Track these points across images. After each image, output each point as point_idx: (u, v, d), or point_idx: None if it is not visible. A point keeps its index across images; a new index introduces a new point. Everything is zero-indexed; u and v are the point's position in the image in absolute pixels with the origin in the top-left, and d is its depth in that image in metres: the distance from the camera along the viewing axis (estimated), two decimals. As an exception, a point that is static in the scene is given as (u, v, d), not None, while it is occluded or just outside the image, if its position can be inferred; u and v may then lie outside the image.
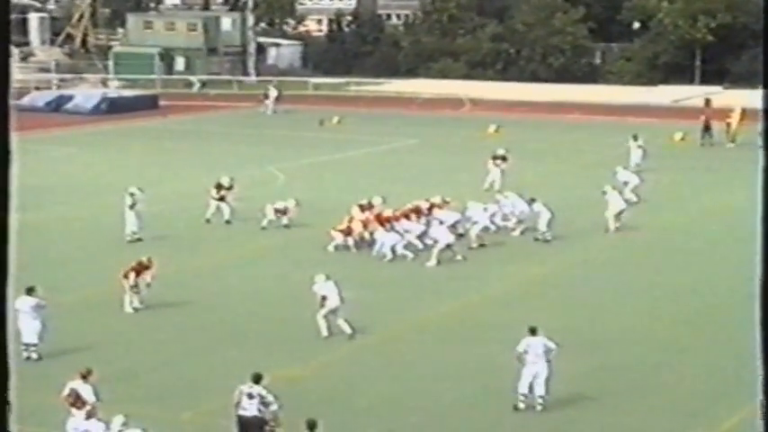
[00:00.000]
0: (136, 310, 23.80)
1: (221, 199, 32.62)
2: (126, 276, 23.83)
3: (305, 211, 32.38)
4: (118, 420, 15.76)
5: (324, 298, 22.04)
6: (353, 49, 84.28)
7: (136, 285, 23.81)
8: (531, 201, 30.79)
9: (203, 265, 28.35)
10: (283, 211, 32.01)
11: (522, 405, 18.07)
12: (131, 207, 30.29)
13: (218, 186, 32.88)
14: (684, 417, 18.08)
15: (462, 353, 21.35)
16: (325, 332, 21.91)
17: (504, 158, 38.26)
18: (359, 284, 25.03)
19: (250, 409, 16.29)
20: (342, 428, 16.59)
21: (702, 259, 28.87)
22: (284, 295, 25.30)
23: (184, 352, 21.53)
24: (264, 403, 16.28)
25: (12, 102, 3.20)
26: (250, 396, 16.35)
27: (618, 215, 31.26)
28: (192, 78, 74.01)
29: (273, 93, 61.63)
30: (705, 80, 70.76)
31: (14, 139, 3.37)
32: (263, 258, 29.18)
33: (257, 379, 16.55)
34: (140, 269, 23.98)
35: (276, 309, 24.36)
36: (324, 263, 27.01)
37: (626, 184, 35.89)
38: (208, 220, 32.51)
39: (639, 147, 41.33)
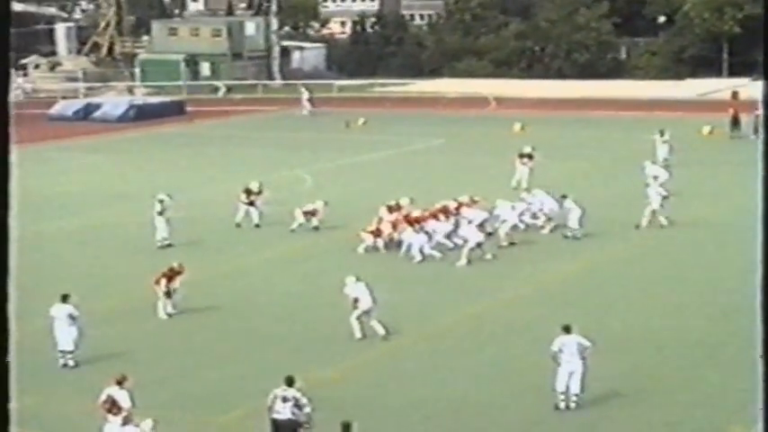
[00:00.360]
0: (170, 315, 23.94)
1: (251, 204, 32.76)
2: (158, 282, 23.98)
3: (333, 213, 32.45)
4: (147, 425, 15.86)
5: (356, 300, 22.09)
6: (377, 51, 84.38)
7: (168, 291, 23.95)
8: (562, 198, 30.71)
9: (234, 269, 28.47)
10: (312, 213, 32.10)
11: (562, 404, 18.02)
12: (161, 213, 30.48)
13: (248, 191, 33.02)
14: (721, 413, 17.98)
15: (495, 352, 21.34)
16: (358, 334, 21.96)
17: (530, 156, 38.20)
18: (390, 286, 25.05)
19: (284, 412, 16.34)
20: (376, 430, 16.61)
21: (733, 255, 28.67)
22: (315, 298, 25.35)
23: (218, 356, 21.63)
24: (298, 406, 16.33)
25: (40, 111, 3.25)
26: (284, 399, 16.40)
27: (654, 211, 31.12)
28: (218, 83, 74.36)
29: (306, 95, 61.82)
30: (733, 72, 70.35)
31: (46, 147, 3.43)
32: (293, 261, 29.26)
33: (290, 382, 16.60)
34: (172, 275, 24.12)
35: (307, 311, 24.42)
36: (354, 265, 27.05)
37: (655, 178, 35.74)
38: (238, 225, 32.65)
39: (665, 142, 41.14)
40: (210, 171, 43.77)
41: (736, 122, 47.97)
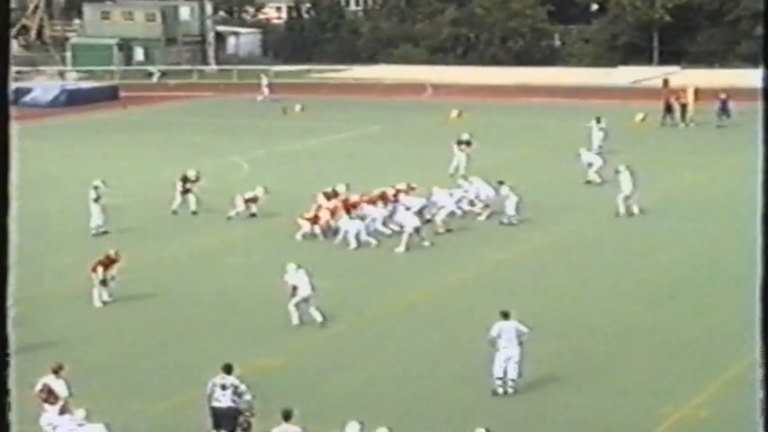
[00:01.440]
0: (105, 303, 23.72)
1: (187, 191, 32.53)
2: (94, 270, 23.74)
3: (271, 201, 32.35)
4: (79, 414, 15.73)
5: (295, 287, 22.08)
6: (313, 37, 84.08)
7: (104, 279, 23.73)
8: (499, 184, 30.96)
9: (171, 256, 28.28)
10: (253, 200, 31.98)
11: (500, 390, 18.17)
12: (96, 200, 30.14)
13: (185, 179, 32.78)
14: (654, 396, 18.32)
15: (434, 338, 21.50)
16: (296, 320, 21.97)
17: (468, 143, 38.43)
18: (328, 273, 25.08)
19: (224, 400, 16.31)
20: (316, 417, 16.65)
21: (670, 239, 29.17)
22: (253, 285, 25.30)
23: (155, 344, 21.49)
24: (238, 393, 16.31)
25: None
26: (223, 387, 16.37)
27: (627, 197, 31.09)
28: (152, 69, 73.55)
29: (265, 80, 61.20)
30: (663, 61, 71.36)
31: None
32: (231, 249, 29.14)
33: (229, 369, 16.57)
34: (108, 262, 23.90)
35: (246, 299, 24.36)
36: (291, 252, 27.05)
37: (590, 165, 36.21)
38: (174, 212, 32.41)
39: (601, 129, 41.62)
40: (145, 157, 43.34)
41: (669, 110, 48.65)
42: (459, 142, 38.38)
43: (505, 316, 18.55)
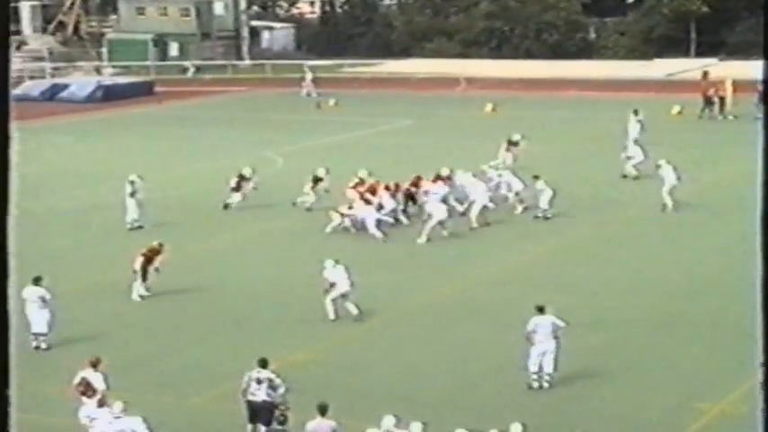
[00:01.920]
0: (142, 297, 23.88)
1: (239, 188, 32.28)
2: (136, 262, 23.90)
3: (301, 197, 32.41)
4: (117, 407, 15.85)
5: (332, 284, 22.10)
6: (346, 31, 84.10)
7: (145, 272, 23.89)
8: (535, 178, 30.81)
9: (207, 250, 28.42)
10: (318, 180, 31.95)
11: (535, 384, 18.13)
12: (132, 195, 30.34)
13: (241, 176, 32.44)
14: (689, 391, 18.19)
15: (468, 333, 21.46)
16: (332, 315, 22.02)
17: (516, 144, 37.97)
18: (359, 267, 25.04)
19: (259, 393, 16.38)
20: (351, 411, 16.69)
21: (705, 233, 28.95)
22: (288, 279, 25.38)
23: (192, 338, 21.63)
24: (273, 387, 16.38)
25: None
26: (258, 381, 16.44)
27: (671, 190, 30.80)
28: (187, 63, 73.87)
29: (309, 75, 61.31)
30: (700, 53, 70.69)
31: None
32: (266, 243, 29.24)
33: (264, 364, 16.63)
34: (151, 255, 24.04)
35: (281, 293, 24.44)
36: (325, 246, 27.11)
37: (629, 159, 35.93)
38: (226, 206, 32.23)
39: (639, 121, 41.36)
40: (180, 152, 43.56)
41: (708, 103, 48.18)
42: (510, 142, 37.82)
43: (541, 310, 18.50)
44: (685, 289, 23.93)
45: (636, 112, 41.88)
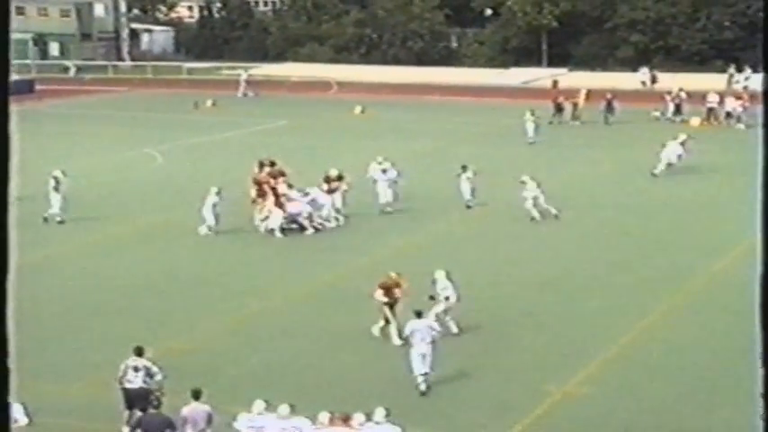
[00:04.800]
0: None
1: (333, 191, 29.49)
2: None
3: (181, 192, 31.94)
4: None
5: (447, 297, 20.02)
6: (224, 35, 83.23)
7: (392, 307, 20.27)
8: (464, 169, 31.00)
9: (84, 245, 27.72)
10: (338, 179, 29.94)
11: (423, 387, 17.55)
12: (56, 189, 29.32)
13: (327, 179, 29.86)
14: (536, 375, 18.58)
15: (347, 320, 21.41)
16: (455, 329, 19.98)
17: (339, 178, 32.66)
18: (239, 260, 24.87)
19: (136, 381, 16.05)
20: (225, 396, 16.52)
21: (558, 230, 29.58)
22: (169, 270, 25.00)
23: (71, 326, 21.07)
24: (150, 374, 16.07)
25: None
26: (135, 369, 16.11)
27: (535, 201, 29.78)
28: (68, 63, 71.90)
29: (244, 76, 60.41)
30: (551, 63, 72.46)
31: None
32: (152, 237, 28.68)
33: (140, 352, 16.31)
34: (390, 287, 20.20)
35: (161, 283, 24.04)
36: (211, 238, 26.74)
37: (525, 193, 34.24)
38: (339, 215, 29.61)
39: (533, 121, 43.02)
40: (60, 149, 42.34)
41: (559, 109, 49.46)
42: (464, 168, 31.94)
43: (419, 315, 18.07)
44: (537, 281, 24.37)
45: (532, 112, 43.53)
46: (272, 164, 30.09)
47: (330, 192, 29.72)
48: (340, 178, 30.19)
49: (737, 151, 41.15)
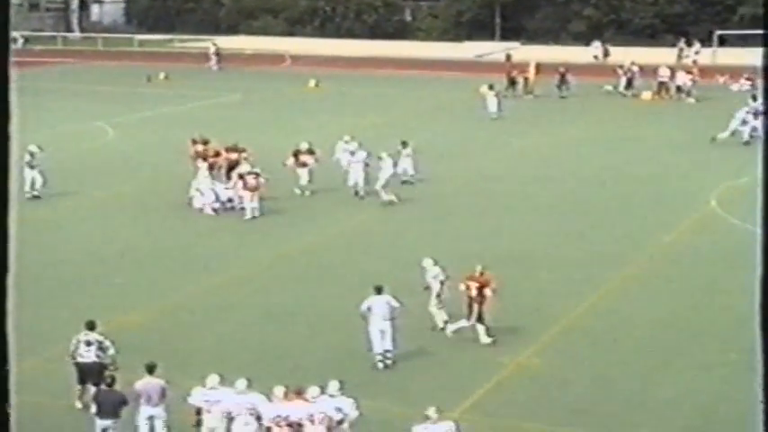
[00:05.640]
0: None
1: (303, 164, 29.44)
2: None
3: (133, 166, 31.64)
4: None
5: (428, 287, 19.46)
6: (176, 6, 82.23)
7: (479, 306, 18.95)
8: (404, 144, 30.66)
9: (38, 219, 27.37)
10: (308, 153, 29.57)
11: (380, 365, 17.46)
12: (30, 165, 28.60)
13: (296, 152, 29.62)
14: (491, 347, 18.70)
15: (297, 296, 21.41)
16: (441, 324, 19.21)
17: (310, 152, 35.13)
18: (189, 235, 24.69)
19: (88, 355, 15.94)
20: (179, 370, 16.44)
21: (506, 204, 29.74)
22: (121, 243, 24.79)
23: (23, 301, 20.78)
24: (102, 348, 15.96)
25: None
26: (88, 343, 15.99)
27: (385, 184, 28.51)
28: (15, 34, 70.58)
29: (212, 49, 59.67)
30: (505, 36, 72.57)
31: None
32: (104, 212, 28.38)
33: (92, 326, 16.17)
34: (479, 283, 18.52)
35: (111, 259, 23.83)
36: (161, 214, 26.52)
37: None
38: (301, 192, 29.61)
39: (495, 96, 42.87)
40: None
41: (512, 82, 49.57)
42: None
43: (378, 291, 17.73)
44: (493, 256, 24.40)
45: (491, 87, 43.42)
46: (205, 142, 29.91)
47: (302, 165, 29.38)
48: (311, 152, 29.77)
49: (688, 125, 41.66)
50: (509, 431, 15.56)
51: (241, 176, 27.44)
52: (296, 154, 29.71)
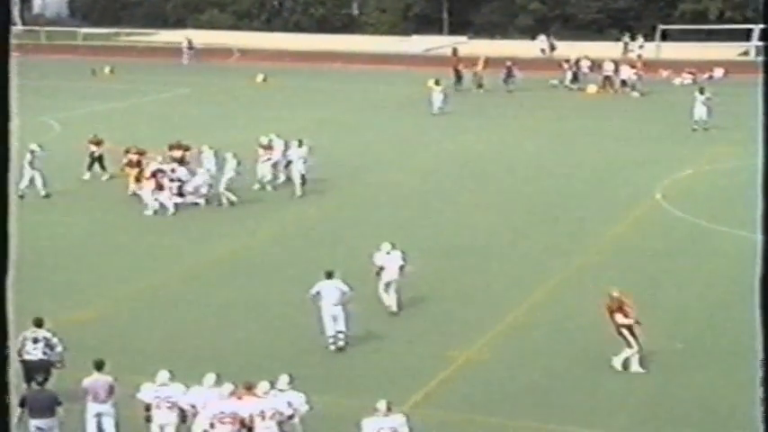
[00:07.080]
0: None
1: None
2: None
3: (82, 161, 31.26)
4: None
5: (381, 268, 19.65)
6: (121, 0, 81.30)
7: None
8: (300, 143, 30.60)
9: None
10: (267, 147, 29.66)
11: (332, 347, 17.66)
12: (31, 164, 28.17)
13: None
14: (440, 341, 18.80)
15: (245, 290, 21.36)
16: (394, 308, 19.63)
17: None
18: (140, 230, 24.46)
19: (35, 353, 15.74)
20: (128, 367, 16.31)
21: (459, 200, 29.88)
22: (66, 242, 24.49)
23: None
24: (50, 346, 15.78)
25: None
26: (35, 340, 15.80)
27: (228, 185, 27.87)
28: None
29: (185, 42, 59.03)
30: (452, 31, 72.81)
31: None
32: (51, 207, 28.02)
33: (39, 323, 15.99)
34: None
35: (58, 256, 23.55)
36: (109, 210, 26.25)
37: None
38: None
39: (441, 91, 42.93)
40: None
41: (459, 77, 49.77)
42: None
43: (329, 275, 17.89)
44: (441, 249, 24.57)
45: (437, 82, 43.49)
46: (98, 143, 29.88)
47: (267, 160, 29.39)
48: (269, 148, 29.72)
49: (633, 118, 42.15)
50: (460, 424, 15.64)
51: (154, 174, 27.27)
52: (263, 147, 29.55)
